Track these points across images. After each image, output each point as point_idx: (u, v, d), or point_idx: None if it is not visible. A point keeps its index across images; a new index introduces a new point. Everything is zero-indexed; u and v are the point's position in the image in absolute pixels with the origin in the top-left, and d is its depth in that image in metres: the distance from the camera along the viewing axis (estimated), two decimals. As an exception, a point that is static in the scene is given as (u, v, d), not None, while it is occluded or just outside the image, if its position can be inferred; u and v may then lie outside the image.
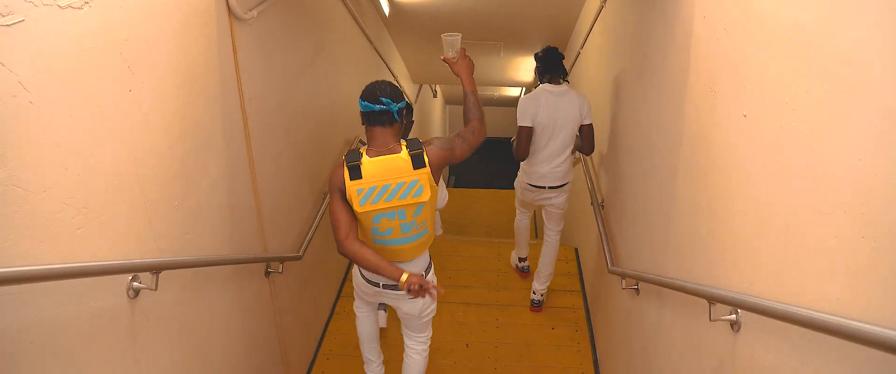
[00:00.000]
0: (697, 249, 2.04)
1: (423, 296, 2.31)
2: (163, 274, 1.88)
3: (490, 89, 12.39)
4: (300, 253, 3.34)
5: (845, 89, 1.20)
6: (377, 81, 2.43)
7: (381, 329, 3.68)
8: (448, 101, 15.81)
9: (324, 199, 3.87)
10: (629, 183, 3.14)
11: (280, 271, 3.02)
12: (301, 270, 3.54)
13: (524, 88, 11.56)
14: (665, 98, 2.47)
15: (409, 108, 2.69)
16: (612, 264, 3.19)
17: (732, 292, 1.67)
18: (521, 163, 3.88)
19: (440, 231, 3.63)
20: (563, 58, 3.77)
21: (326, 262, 4.16)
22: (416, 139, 2.42)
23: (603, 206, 3.82)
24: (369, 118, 2.37)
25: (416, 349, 2.96)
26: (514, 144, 3.69)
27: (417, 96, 9.32)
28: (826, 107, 1.27)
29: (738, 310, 1.68)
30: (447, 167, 3.36)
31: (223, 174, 2.40)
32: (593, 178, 4.17)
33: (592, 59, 4.61)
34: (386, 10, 5.29)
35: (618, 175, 3.46)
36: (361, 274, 2.69)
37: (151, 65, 1.83)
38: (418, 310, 2.74)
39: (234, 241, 2.55)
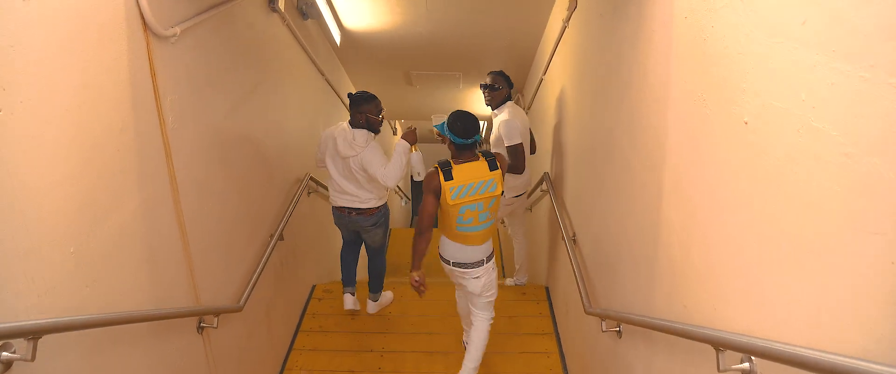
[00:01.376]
0: (692, 282, 1.76)
1: (421, 292, 3.17)
2: (52, 338, 1.53)
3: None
4: (241, 303, 2.96)
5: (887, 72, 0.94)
6: (464, 116, 3.09)
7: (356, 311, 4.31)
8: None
9: (271, 240, 3.52)
10: (603, 212, 2.87)
11: (214, 325, 2.64)
12: (244, 321, 3.15)
13: (484, 122, 11.35)
14: (643, 114, 2.21)
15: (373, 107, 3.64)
16: (589, 304, 2.89)
17: (745, 336, 1.38)
18: None
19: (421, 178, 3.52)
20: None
21: (275, 305, 3.77)
22: (487, 150, 3.26)
23: (575, 240, 3.54)
24: (461, 148, 3.09)
25: (482, 319, 3.47)
26: (511, 163, 3.84)
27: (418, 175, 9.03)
28: (858, 102, 1.01)
29: (753, 358, 1.38)
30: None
31: (139, 212, 2.05)
32: (562, 210, 3.90)
33: (557, 84, 4.40)
34: (337, 39, 5.02)
35: (589, 205, 3.20)
36: (441, 256, 3.31)
37: (32, 82, 1.50)
38: (479, 290, 3.34)
39: (155, 291, 2.18)
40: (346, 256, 4.27)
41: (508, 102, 4.11)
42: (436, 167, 3.07)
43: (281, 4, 3.68)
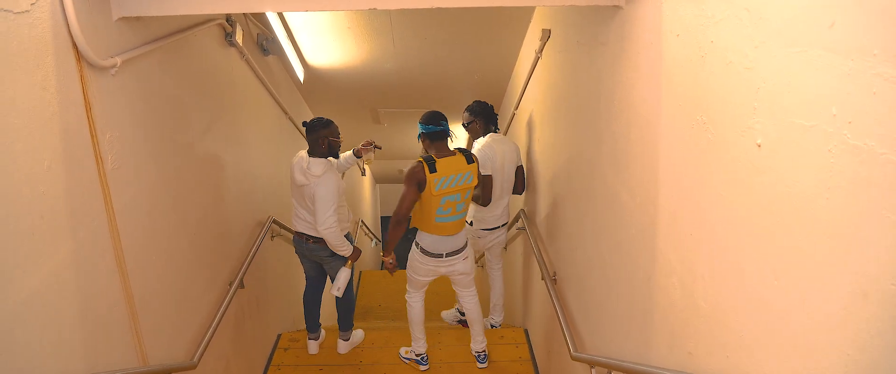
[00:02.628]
0: (698, 326, 1.57)
1: (392, 271, 3.58)
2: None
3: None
4: (195, 360, 2.68)
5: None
6: (433, 111, 3.49)
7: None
8: (378, 180, 15.34)
9: (230, 289, 3.25)
10: (587, 250, 2.69)
11: (163, 386, 2.36)
12: (199, 379, 2.86)
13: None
14: (630, 143, 2.05)
15: (332, 131, 3.68)
16: (575, 349, 2.67)
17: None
18: (470, 218, 4.22)
19: (338, 293, 3.77)
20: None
21: (235, 358, 3.47)
22: (464, 148, 3.53)
23: (555, 279, 3.34)
24: (433, 137, 3.43)
25: (470, 298, 3.83)
26: (476, 192, 3.89)
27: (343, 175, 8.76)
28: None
29: (782, 415, 1.18)
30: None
31: (70, 261, 1.79)
32: (541, 249, 3.71)
33: (530, 117, 4.25)
34: (300, 76, 4.83)
35: (571, 242, 3.02)
36: (424, 251, 3.53)
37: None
38: (469, 269, 3.68)
39: (89, 354, 1.91)
40: (309, 297, 4.08)
41: (488, 135, 4.04)
42: (421, 161, 3.33)
43: (238, 38, 3.49)
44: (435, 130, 3.42)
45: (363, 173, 4.37)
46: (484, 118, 4.08)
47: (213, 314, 3.03)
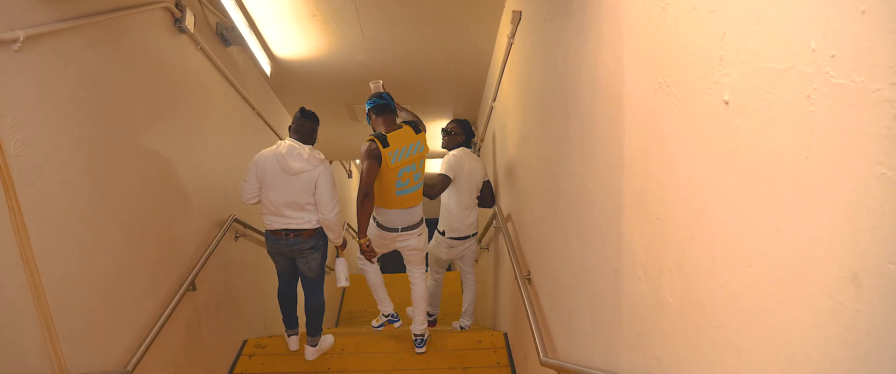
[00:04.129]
0: (666, 326, 1.34)
1: (372, 257, 3.69)
2: None
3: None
4: (128, 368, 2.44)
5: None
6: (377, 90, 3.71)
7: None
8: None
9: (179, 290, 3.01)
10: (560, 245, 2.47)
11: (84, 398, 2.12)
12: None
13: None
14: (595, 121, 1.84)
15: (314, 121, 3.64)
16: (545, 354, 2.45)
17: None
18: (442, 228, 4.39)
19: (346, 283, 3.70)
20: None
21: (188, 366, 3.23)
22: (410, 120, 3.69)
23: (530, 279, 3.12)
24: (379, 110, 3.59)
25: (418, 276, 3.95)
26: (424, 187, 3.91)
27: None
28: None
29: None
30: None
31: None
32: (516, 246, 3.49)
33: (505, 109, 4.04)
34: (267, 68, 4.60)
35: (544, 238, 2.80)
36: (381, 226, 3.70)
37: None
38: (422, 245, 3.84)
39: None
40: (284, 294, 3.90)
41: (461, 148, 4.31)
42: (372, 139, 3.45)
43: (189, 25, 3.26)
44: (378, 102, 3.59)
45: (349, 176, 4.39)
46: (465, 135, 4.38)
47: (155, 320, 2.79)
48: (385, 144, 3.41)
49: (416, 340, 3.94)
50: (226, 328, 3.84)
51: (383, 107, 3.59)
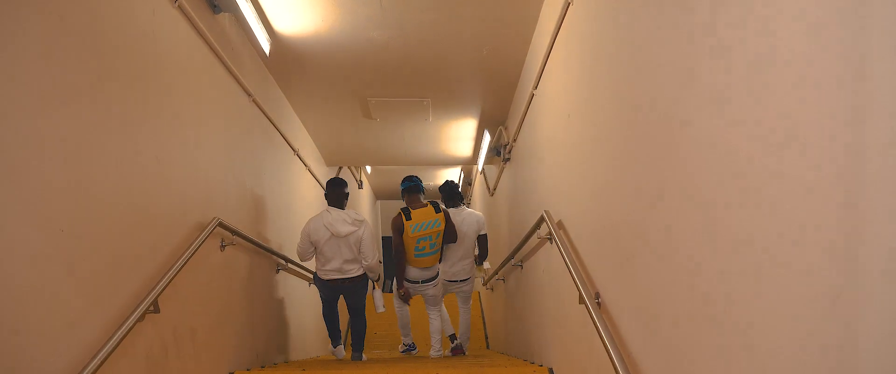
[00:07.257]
0: None
1: (407, 299, 5.05)
2: None
3: (421, 169, 9.52)
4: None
5: None
6: (408, 175, 5.05)
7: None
8: (379, 196, 14.30)
9: (134, 311, 2.26)
10: (654, 253, 1.70)
11: None
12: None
13: (460, 169, 10.20)
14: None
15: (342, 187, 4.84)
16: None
17: None
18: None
19: (383, 309, 5.05)
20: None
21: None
22: (435, 201, 4.90)
23: (599, 302, 2.35)
24: (409, 191, 4.89)
25: (434, 315, 5.15)
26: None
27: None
28: None
29: None
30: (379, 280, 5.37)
31: None
32: (576, 262, 2.70)
33: (556, 95, 3.29)
34: (265, 46, 3.84)
35: (625, 248, 2.03)
36: (406, 278, 4.91)
37: None
38: (440, 293, 5.11)
39: None
40: (329, 314, 4.96)
41: (462, 205, 5.44)
42: (400, 213, 4.71)
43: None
44: (408, 185, 4.88)
45: (360, 186, 4.88)
46: (446, 197, 5.45)
47: (97, 351, 2.04)
48: (408, 218, 4.66)
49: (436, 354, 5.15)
50: (203, 358, 3.07)
51: (412, 188, 4.86)
